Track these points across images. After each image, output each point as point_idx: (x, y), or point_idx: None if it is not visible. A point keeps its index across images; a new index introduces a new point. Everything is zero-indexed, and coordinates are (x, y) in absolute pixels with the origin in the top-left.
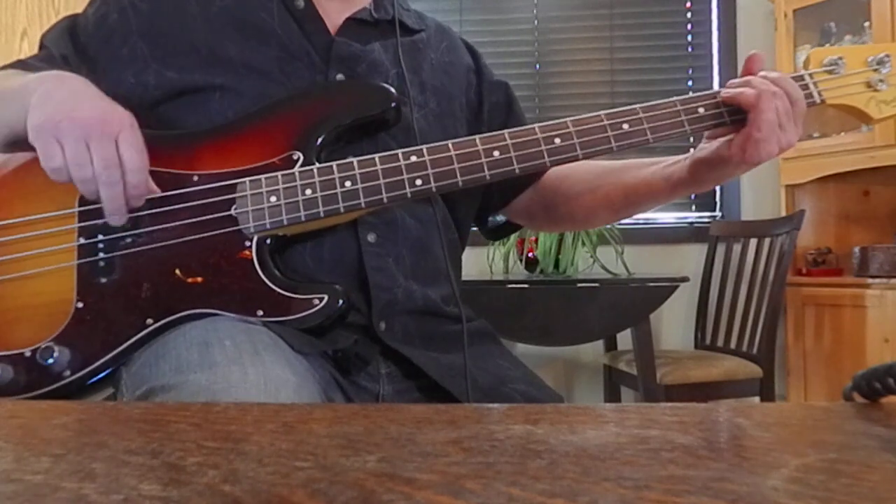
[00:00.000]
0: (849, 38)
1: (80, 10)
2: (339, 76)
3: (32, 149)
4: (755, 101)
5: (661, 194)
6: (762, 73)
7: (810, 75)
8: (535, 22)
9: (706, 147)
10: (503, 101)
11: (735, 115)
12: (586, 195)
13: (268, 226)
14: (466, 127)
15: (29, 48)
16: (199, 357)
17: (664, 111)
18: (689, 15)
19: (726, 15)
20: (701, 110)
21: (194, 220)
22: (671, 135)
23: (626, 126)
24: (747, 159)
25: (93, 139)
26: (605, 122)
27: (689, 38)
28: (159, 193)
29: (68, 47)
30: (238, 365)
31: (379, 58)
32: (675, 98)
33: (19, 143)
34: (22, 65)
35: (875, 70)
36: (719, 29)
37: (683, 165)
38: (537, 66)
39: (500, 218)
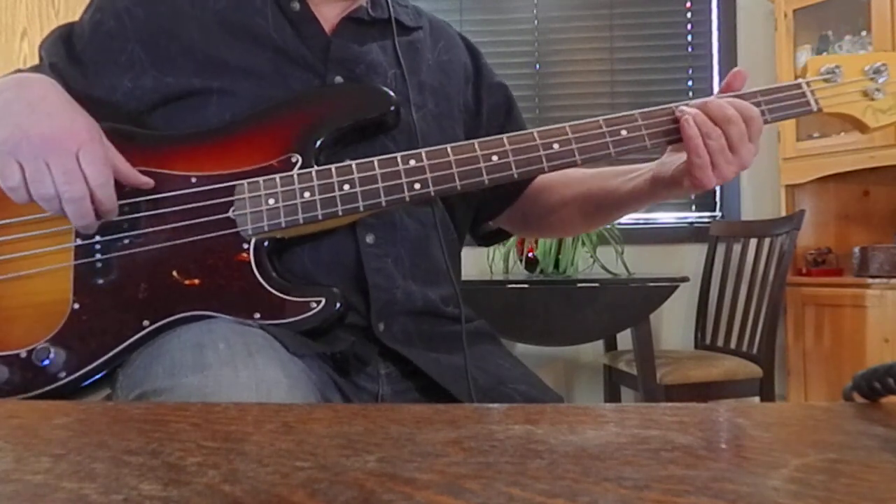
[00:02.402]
0: (849, 38)
1: (79, 10)
2: (338, 78)
3: None
4: (691, 135)
5: (627, 205)
6: (718, 97)
7: (808, 83)
8: (535, 22)
9: (667, 163)
10: (502, 103)
11: None
12: (561, 207)
13: (266, 228)
14: (463, 128)
15: (29, 48)
16: (192, 359)
17: (661, 118)
18: (689, 15)
19: (726, 15)
20: None
21: (192, 221)
22: (668, 141)
23: (624, 132)
24: (696, 185)
25: (51, 156)
26: (604, 129)
27: (689, 38)
28: (150, 184)
29: (60, 53)
30: (230, 367)
31: (377, 59)
32: (671, 105)
33: None
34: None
35: (872, 79)
36: (719, 29)
37: (645, 180)
38: (537, 66)
39: (492, 224)
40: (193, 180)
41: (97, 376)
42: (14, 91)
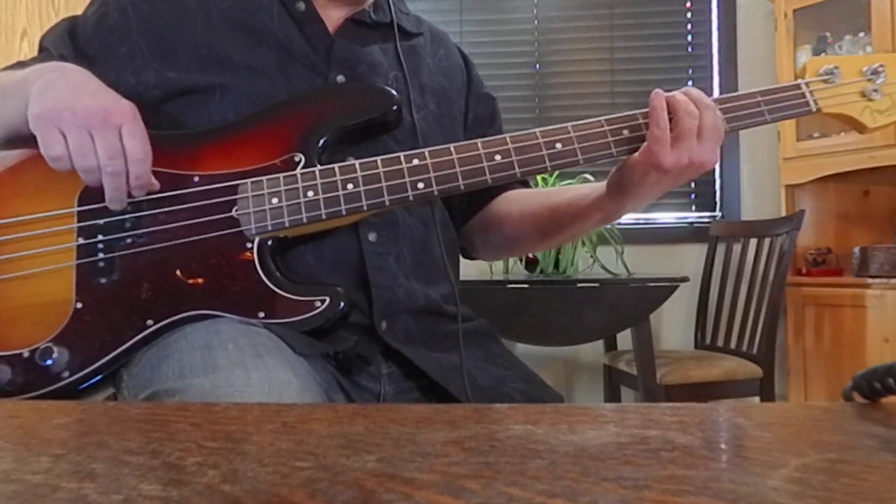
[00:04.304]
0: (848, 38)
1: (79, 9)
2: (340, 77)
3: (33, 145)
4: (655, 105)
5: (581, 213)
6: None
7: (807, 84)
8: (535, 22)
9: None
10: (487, 114)
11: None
12: (515, 214)
13: (269, 227)
14: (462, 129)
15: (29, 48)
16: (202, 360)
17: None
18: (689, 15)
19: (726, 15)
20: None
21: (195, 220)
22: None
23: (626, 132)
24: (652, 161)
25: (96, 129)
26: (606, 128)
27: (689, 38)
28: (157, 187)
29: (68, 48)
30: (241, 368)
31: (378, 59)
32: None
33: (20, 139)
34: (21, 66)
35: (870, 80)
36: (719, 29)
37: (602, 183)
38: (537, 66)
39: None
40: (196, 179)
41: (100, 376)
42: (57, 73)
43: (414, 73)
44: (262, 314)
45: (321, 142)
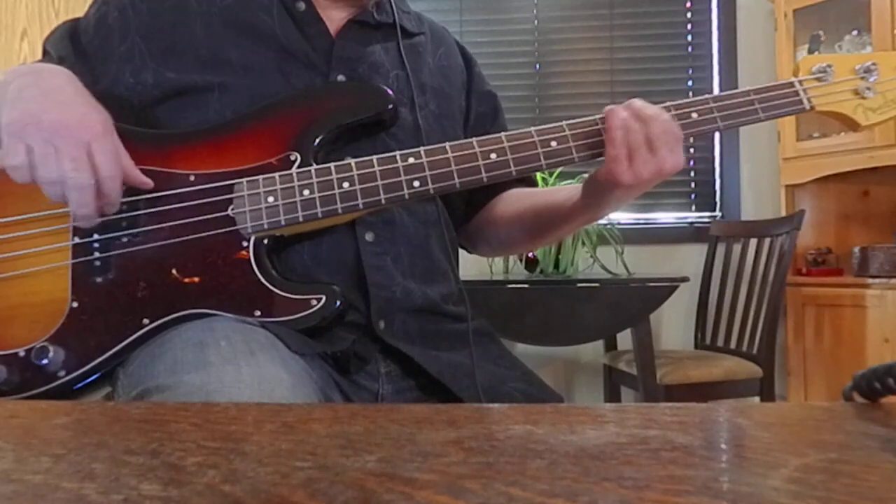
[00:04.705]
0: (848, 38)
1: (79, 10)
2: (340, 77)
3: None
4: (610, 125)
5: (563, 216)
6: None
7: (800, 82)
8: (535, 22)
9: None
10: (490, 111)
11: None
12: (507, 215)
13: (265, 226)
14: (463, 129)
15: (29, 48)
16: (194, 357)
17: None
18: (689, 15)
19: (726, 15)
20: (694, 115)
21: (191, 219)
22: None
23: None
24: (611, 179)
25: (61, 142)
26: (601, 126)
27: (689, 38)
28: (150, 185)
29: (67, 49)
30: (233, 365)
31: (380, 59)
32: (668, 103)
33: None
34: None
35: (862, 78)
36: (719, 29)
37: (579, 187)
38: (537, 66)
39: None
40: (192, 178)
41: (96, 375)
42: (29, 78)
43: (415, 72)
44: (258, 312)
45: (317, 140)
